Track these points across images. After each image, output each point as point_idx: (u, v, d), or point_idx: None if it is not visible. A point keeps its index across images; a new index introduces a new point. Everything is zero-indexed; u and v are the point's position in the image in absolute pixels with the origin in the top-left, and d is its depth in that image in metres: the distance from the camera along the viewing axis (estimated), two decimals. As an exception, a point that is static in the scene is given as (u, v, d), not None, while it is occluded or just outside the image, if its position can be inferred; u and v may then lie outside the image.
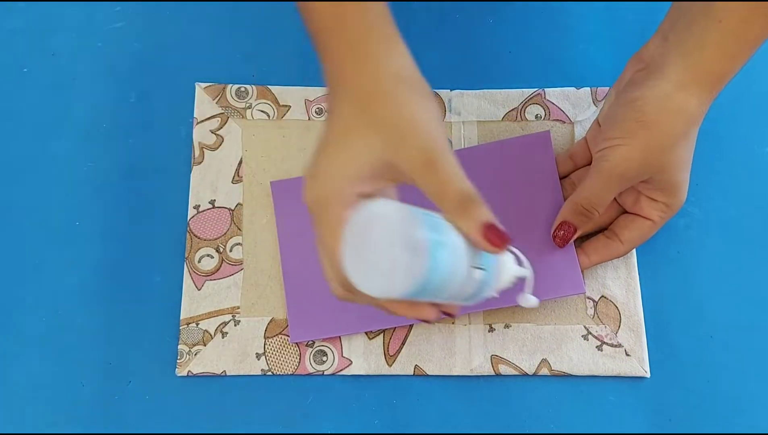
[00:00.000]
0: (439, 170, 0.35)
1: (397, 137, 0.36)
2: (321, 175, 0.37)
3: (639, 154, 0.44)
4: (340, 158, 0.36)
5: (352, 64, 0.37)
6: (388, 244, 0.33)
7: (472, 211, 0.35)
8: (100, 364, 0.50)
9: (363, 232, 0.34)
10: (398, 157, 0.36)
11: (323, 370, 0.49)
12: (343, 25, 0.38)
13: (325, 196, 0.36)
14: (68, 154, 0.54)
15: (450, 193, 0.35)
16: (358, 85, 0.37)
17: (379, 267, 0.33)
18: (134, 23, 0.58)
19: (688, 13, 0.43)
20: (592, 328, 0.50)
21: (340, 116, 0.37)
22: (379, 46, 0.38)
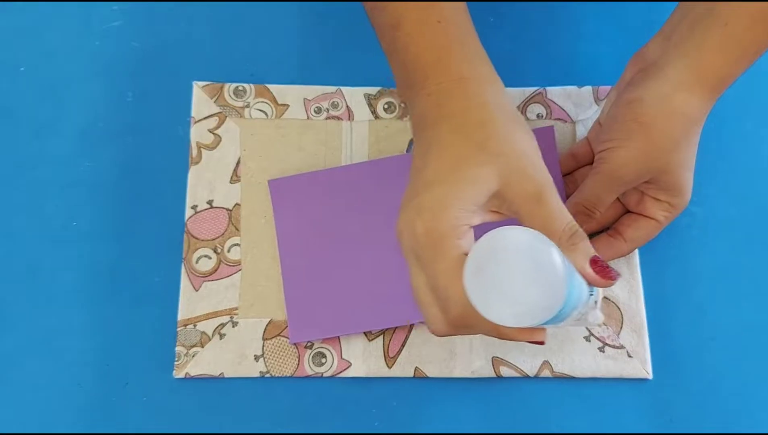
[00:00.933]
0: (548, 204, 0.36)
1: (510, 170, 0.36)
2: (435, 206, 0.36)
3: (638, 156, 0.44)
4: (454, 190, 0.36)
5: (462, 99, 0.38)
6: (527, 272, 0.32)
7: (580, 245, 0.36)
8: (97, 365, 0.50)
9: (493, 260, 0.32)
10: (509, 190, 0.36)
11: (322, 372, 0.49)
12: (447, 61, 0.38)
13: (442, 228, 0.35)
14: (65, 154, 0.54)
15: (559, 226, 0.36)
16: (470, 120, 0.37)
17: (516, 298, 0.32)
18: (131, 22, 0.58)
19: (692, 15, 0.43)
20: (594, 329, 0.50)
21: (450, 146, 0.37)
22: (486, 83, 0.39)
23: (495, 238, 0.33)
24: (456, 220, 0.35)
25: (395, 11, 0.39)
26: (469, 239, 0.36)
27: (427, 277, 0.36)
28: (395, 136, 0.54)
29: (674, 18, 0.45)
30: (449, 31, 0.39)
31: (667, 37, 0.45)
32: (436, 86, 0.38)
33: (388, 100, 0.55)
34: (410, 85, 0.40)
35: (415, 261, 0.37)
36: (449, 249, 0.35)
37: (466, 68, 0.38)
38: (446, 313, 0.36)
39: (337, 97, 0.55)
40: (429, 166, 0.37)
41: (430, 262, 0.36)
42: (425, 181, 0.37)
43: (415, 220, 0.36)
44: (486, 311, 0.32)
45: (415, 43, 0.39)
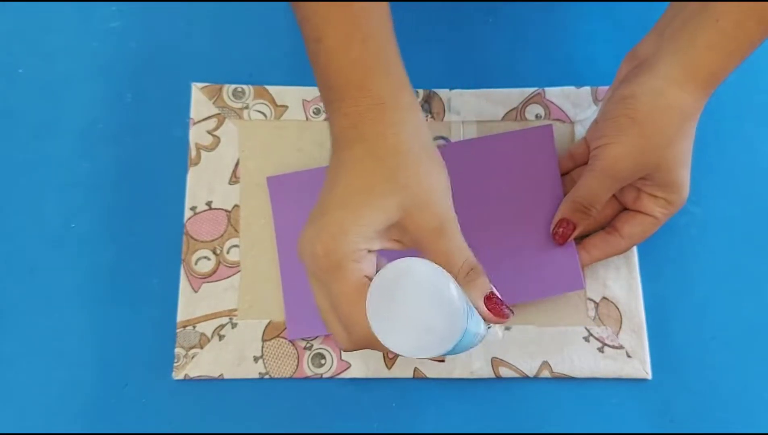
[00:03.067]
0: (449, 239, 0.37)
1: (413, 203, 0.37)
2: (337, 228, 0.36)
3: (632, 152, 0.44)
4: (359, 214, 0.36)
5: (379, 124, 0.37)
6: (428, 304, 0.33)
7: (477, 281, 0.38)
8: (96, 367, 0.49)
9: (396, 290, 0.33)
10: (411, 222, 0.37)
11: (321, 373, 0.49)
12: (367, 83, 0.38)
13: (341, 252, 0.36)
14: (63, 155, 0.54)
15: (458, 261, 0.37)
16: (384, 147, 0.37)
17: (416, 329, 0.33)
18: (130, 23, 0.58)
19: (684, 12, 0.43)
20: (593, 329, 0.50)
21: (359, 171, 0.37)
22: (405, 110, 0.38)
23: (398, 268, 0.33)
24: (354, 244, 0.36)
25: (317, 24, 0.38)
26: (370, 263, 0.37)
27: (329, 298, 0.37)
28: (394, 137, 0.54)
29: (667, 15, 0.46)
30: (371, 52, 0.38)
31: (660, 34, 0.45)
32: (353, 108, 0.38)
33: (386, 101, 0.55)
34: (329, 102, 0.39)
35: (316, 281, 0.37)
36: (349, 272, 0.36)
37: (387, 93, 0.38)
38: (350, 334, 0.37)
39: (335, 98, 0.55)
40: (337, 188, 0.37)
41: (330, 284, 0.36)
42: (329, 202, 0.37)
43: (315, 241, 0.36)
44: (387, 341, 0.33)
45: (335, 61, 0.38)
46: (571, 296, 0.50)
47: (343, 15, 0.38)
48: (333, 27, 0.38)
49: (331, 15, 0.38)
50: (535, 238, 0.50)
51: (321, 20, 0.38)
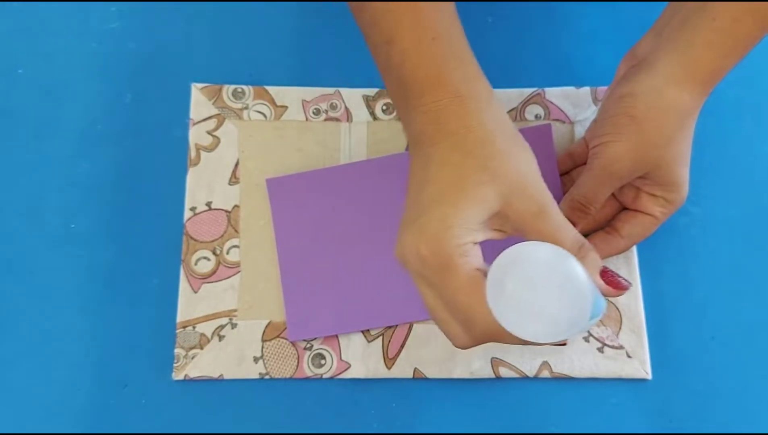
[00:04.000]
0: (552, 219, 0.37)
1: (511, 190, 0.36)
2: (438, 227, 0.35)
3: (630, 150, 0.44)
4: (459, 208, 0.36)
5: (461, 117, 0.37)
6: (552, 287, 0.32)
7: (589, 256, 0.37)
8: (96, 368, 0.49)
9: (515, 276, 0.32)
10: (511, 209, 0.36)
11: (321, 374, 0.49)
12: (444, 78, 0.38)
13: (448, 249, 0.35)
14: (63, 156, 0.54)
15: (567, 239, 0.37)
16: (470, 138, 0.37)
17: (543, 313, 0.32)
18: (129, 23, 0.58)
19: (683, 11, 0.43)
20: (593, 329, 0.50)
21: (450, 165, 0.37)
22: (483, 101, 0.38)
23: (514, 254, 0.32)
24: (459, 238, 0.35)
25: (388, 27, 0.39)
26: (476, 255, 0.36)
27: (443, 297, 0.36)
28: (394, 138, 0.54)
29: (666, 14, 0.46)
30: (444, 48, 0.38)
31: (659, 33, 0.45)
32: (433, 103, 0.38)
33: (386, 102, 0.55)
34: (406, 102, 0.39)
35: (425, 283, 0.37)
36: (460, 267, 0.35)
37: (464, 86, 0.38)
38: (470, 329, 0.36)
39: (335, 99, 0.55)
40: (428, 186, 0.37)
41: (442, 282, 0.36)
42: (425, 200, 0.37)
43: (419, 243, 0.36)
44: (515, 329, 0.32)
45: (410, 60, 0.38)
46: (571, 296, 0.50)
47: (413, 16, 0.38)
48: (404, 28, 0.38)
49: (401, 16, 0.38)
50: None
51: (391, 22, 0.38)
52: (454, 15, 0.40)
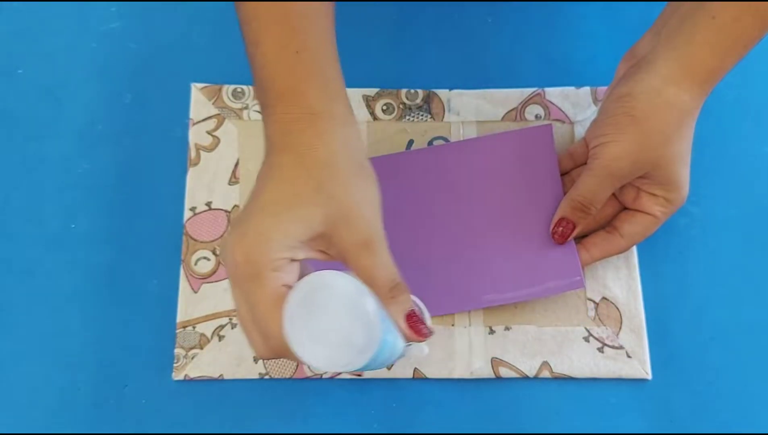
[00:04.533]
0: (374, 254, 0.37)
1: (341, 216, 0.36)
2: (259, 235, 0.36)
3: (630, 150, 0.44)
4: (282, 223, 0.36)
5: (309, 134, 0.37)
6: (344, 318, 0.33)
7: (399, 298, 0.38)
8: (96, 368, 0.49)
9: (313, 302, 0.33)
10: (337, 235, 0.37)
11: (321, 374, 0.49)
12: (300, 92, 0.38)
13: (261, 260, 0.35)
14: (63, 156, 0.54)
15: (382, 277, 0.37)
16: (312, 157, 0.37)
17: (331, 341, 0.33)
18: (129, 24, 0.58)
19: (682, 10, 0.43)
20: (593, 329, 0.50)
21: (286, 180, 0.37)
22: (337, 122, 0.38)
23: (315, 281, 0.33)
24: (276, 252, 0.36)
25: (256, 29, 0.39)
26: (291, 272, 0.36)
27: (248, 303, 0.36)
28: (394, 138, 0.54)
29: (665, 14, 0.46)
30: (308, 63, 0.38)
31: (658, 32, 0.45)
32: (284, 115, 0.38)
33: (386, 102, 0.55)
34: (263, 106, 0.39)
35: (236, 287, 0.37)
36: (268, 280, 0.35)
37: (320, 104, 0.38)
38: (267, 341, 0.36)
39: (335, 99, 0.55)
40: (262, 194, 0.37)
41: (249, 291, 0.36)
42: (255, 207, 0.37)
43: (236, 247, 0.36)
44: (301, 352, 0.33)
45: (271, 67, 0.38)
46: (571, 296, 0.50)
47: (281, 24, 0.38)
48: (270, 34, 0.38)
49: (269, 22, 0.38)
50: (535, 238, 0.50)
51: (259, 26, 0.38)
52: (326, 24, 0.40)
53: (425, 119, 0.55)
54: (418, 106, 0.55)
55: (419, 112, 0.55)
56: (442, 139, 0.54)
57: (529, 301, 0.50)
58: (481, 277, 0.49)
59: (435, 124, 0.55)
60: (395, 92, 0.55)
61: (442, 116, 0.55)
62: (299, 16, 0.38)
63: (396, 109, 0.55)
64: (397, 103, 0.55)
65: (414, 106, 0.55)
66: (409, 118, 0.55)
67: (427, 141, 0.54)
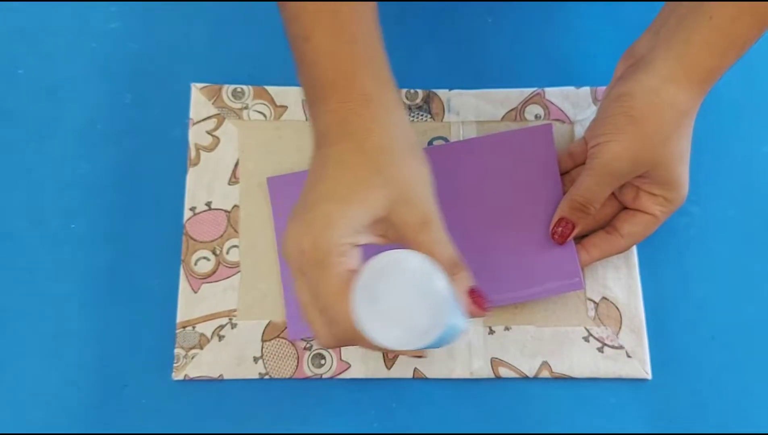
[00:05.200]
0: (433, 232, 0.38)
1: (399, 198, 0.37)
2: (325, 222, 0.36)
3: (629, 149, 0.44)
4: (347, 208, 0.36)
5: (366, 120, 0.38)
6: (414, 295, 0.33)
7: (460, 274, 0.38)
8: (96, 368, 0.49)
9: (382, 282, 0.33)
10: (396, 217, 0.37)
11: (321, 374, 0.49)
12: (353, 81, 0.38)
13: (327, 245, 0.36)
14: (63, 156, 0.54)
15: (443, 254, 0.37)
16: (370, 142, 0.38)
17: (401, 321, 0.33)
18: (129, 24, 0.58)
19: (680, 10, 0.43)
20: (593, 329, 0.50)
21: (347, 165, 0.37)
22: (390, 108, 0.39)
23: (384, 260, 0.33)
24: (340, 237, 0.36)
25: (305, 24, 0.39)
26: (355, 257, 0.37)
27: (313, 292, 0.37)
28: (394, 137, 0.54)
29: (663, 14, 0.46)
30: (358, 52, 0.39)
31: (656, 32, 0.45)
32: (340, 104, 0.38)
33: (386, 101, 0.55)
34: (315, 100, 0.40)
35: (300, 275, 0.37)
36: (334, 265, 0.35)
37: (372, 90, 0.39)
38: (332, 328, 0.37)
39: (335, 99, 0.55)
40: (324, 182, 0.37)
41: (315, 277, 0.36)
42: (317, 196, 0.37)
43: (302, 236, 0.36)
44: (371, 333, 0.33)
45: (323, 59, 0.39)
46: (571, 296, 0.50)
47: (331, 15, 0.38)
48: (321, 27, 0.39)
49: (320, 15, 0.38)
50: (535, 238, 0.50)
51: (309, 20, 0.39)
52: (373, 18, 0.40)
53: (425, 119, 0.55)
54: (418, 106, 0.55)
55: (419, 112, 0.55)
56: (442, 139, 0.54)
57: (528, 301, 0.50)
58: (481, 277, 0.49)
59: (435, 124, 0.55)
60: (395, 92, 0.55)
61: (441, 116, 0.55)
62: (348, 9, 0.39)
63: (396, 109, 0.55)
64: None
65: (414, 106, 0.55)
66: (409, 118, 0.55)
67: (427, 141, 0.54)
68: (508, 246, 0.50)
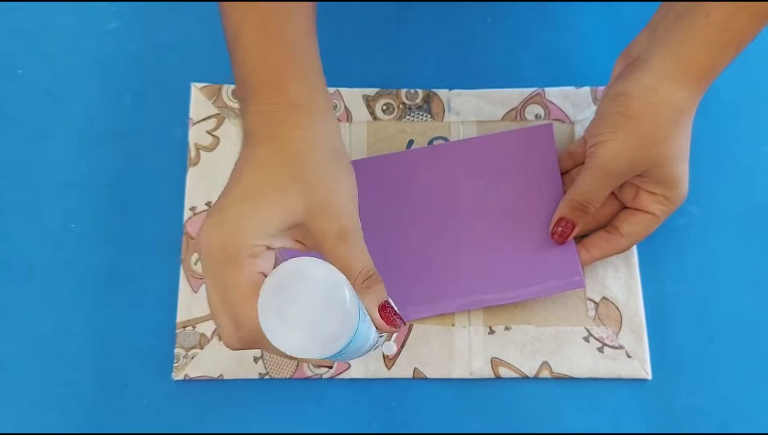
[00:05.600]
0: (350, 243, 0.37)
1: (318, 206, 0.37)
2: (236, 223, 0.36)
3: (627, 148, 0.44)
4: (260, 211, 0.36)
5: (289, 125, 0.38)
6: (319, 305, 0.33)
7: (374, 288, 0.38)
8: (96, 368, 0.49)
9: (288, 288, 0.33)
10: (314, 225, 0.37)
11: (321, 374, 0.49)
12: (280, 85, 0.38)
13: (238, 246, 0.35)
14: (62, 156, 0.54)
15: (357, 267, 0.37)
16: (292, 148, 0.38)
17: (305, 329, 0.33)
18: (129, 23, 0.58)
19: (676, 8, 0.43)
20: (593, 329, 0.50)
21: (265, 169, 0.37)
22: (317, 114, 0.39)
23: (291, 267, 0.33)
24: (253, 239, 0.36)
25: (236, 22, 0.39)
26: (267, 260, 0.37)
27: (222, 290, 0.36)
28: (394, 138, 0.54)
29: (659, 12, 0.46)
30: (288, 55, 0.38)
31: (653, 30, 0.45)
32: (265, 106, 0.38)
33: (386, 102, 0.55)
34: (244, 98, 0.39)
35: (210, 274, 0.37)
36: (243, 267, 0.35)
37: (300, 95, 0.38)
38: (238, 330, 0.36)
39: (335, 98, 0.55)
40: (242, 183, 0.37)
41: (224, 276, 0.36)
42: (234, 195, 0.37)
43: (214, 232, 0.36)
44: (274, 339, 0.33)
45: (251, 59, 0.38)
46: (571, 296, 0.50)
47: (262, 15, 0.38)
48: (251, 26, 0.38)
49: (250, 15, 0.38)
50: (536, 237, 0.50)
51: (240, 19, 0.39)
52: (307, 19, 0.40)
53: (425, 119, 0.55)
54: (418, 106, 0.55)
55: (419, 112, 0.55)
56: (442, 139, 0.54)
57: (528, 300, 0.50)
58: (481, 276, 0.49)
59: (435, 124, 0.55)
60: (395, 92, 0.55)
61: (442, 116, 0.55)
62: (279, 11, 0.39)
63: (396, 109, 0.55)
64: (397, 103, 0.55)
65: (414, 106, 0.55)
66: (409, 118, 0.55)
67: (427, 141, 0.54)
68: (509, 245, 0.50)
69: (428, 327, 0.50)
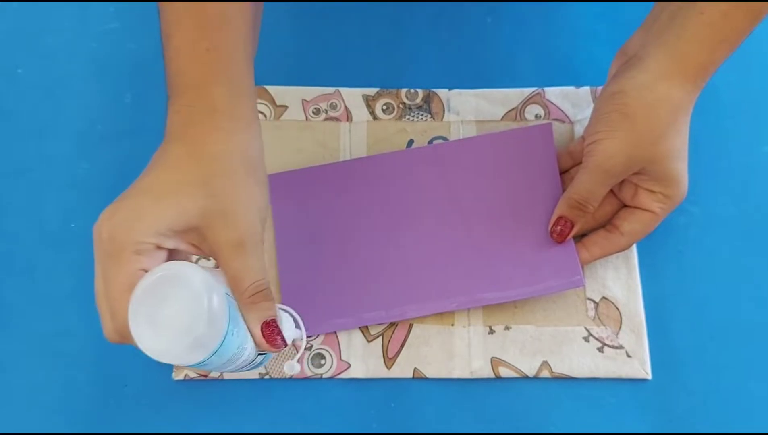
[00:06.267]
0: (245, 255, 0.37)
1: (220, 212, 0.36)
2: (129, 215, 0.36)
3: (624, 146, 0.44)
4: (154, 207, 0.36)
5: (206, 129, 0.38)
6: (188, 311, 0.33)
7: (261, 304, 0.37)
8: (96, 368, 0.49)
9: (161, 291, 0.33)
10: (212, 230, 0.36)
11: (321, 374, 0.49)
12: (204, 88, 0.38)
13: (125, 239, 0.35)
14: (63, 156, 0.54)
15: (248, 280, 0.36)
16: (204, 151, 0.37)
17: (171, 333, 0.33)
18: (128, 24, 0.58)
19: (671, 6, 0.44)
20: (593, 329, 0.50)
21: (172, 167, 0.37)
22: (238, 121, 0.39)
23: (168, 270, 0.33)
24: (141, 235, 0.35)
25: (170, 22, 0.39)
26: (155, 259, 0.36)
27: (104, 280, 0.36)
28: (393, 137, 0.54)
29: (655, 11, 0.46)
30: (216, 61, 0.38)
31: (648, 29, 0.45)
32: (186, 107, 0.38)
33: (386, 102, 0.55)
34: (170, 94, 0.39)
35: (97, 259, 0.37)
36: (127, 261, 0.35)
37: (223, 102, 0.38)
38: (114, 322, 0.36)
39: (335, 98, 0.55)
40: (148, 176, 0.37)
41: (107, 268, 0.36)
42: (135, 189, 0.37)
43: (104, 222, 0.36)
44: (139, 340, 0.33)
45: (179, 60, 0.39)
46: (571, 296, 0.50)
47: (194, 20, 0.38)
48: (182, 29, 0.39)
49: (183, 17, 0.38)
50: (535, 237, 0.50)
51: (173, 20, 0.39)
52: (244, 22, 0.40)
53: (425, 119, 0.55)
54: (417, 106, 0.55)
55: (419, 111, 0.55)
56: (442, 138, 0.54)
57: (528, 300, 0.50)
58: (481, 275, 0.49)
59: (435, 124, 0.55)
60: (395, 92, 0.55)
61: (441, 116, 0.55)
62: (214, 14, 0.39)
63: (396, 109, 0.55)
64: (397, 102, 0.55)
65: (414, 105, 0.55)
66: (409, 118, 0.55)
67: (427, 140, 0.54)
68: (509, 244, 0.50)
69: (428, 327, 0.50)
